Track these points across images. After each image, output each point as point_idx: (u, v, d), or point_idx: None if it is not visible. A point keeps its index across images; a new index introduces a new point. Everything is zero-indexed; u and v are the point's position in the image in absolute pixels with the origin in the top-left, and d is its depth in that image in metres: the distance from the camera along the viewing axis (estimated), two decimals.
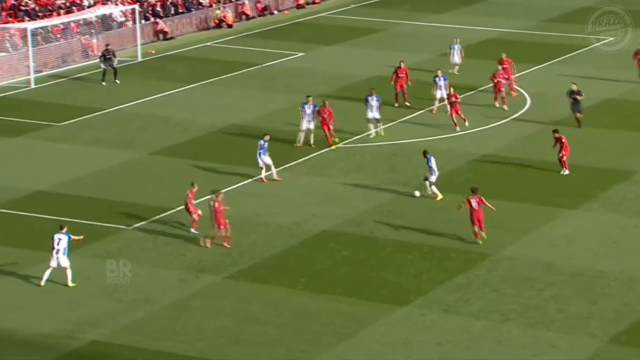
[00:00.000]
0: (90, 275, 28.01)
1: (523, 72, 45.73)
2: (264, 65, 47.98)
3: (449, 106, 38.92)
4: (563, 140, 35.05)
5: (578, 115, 38.68)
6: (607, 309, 26.39)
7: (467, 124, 38.70)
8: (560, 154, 34.91)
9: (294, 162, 36.23)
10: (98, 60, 45.81)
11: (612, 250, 29.79)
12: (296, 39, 52.60)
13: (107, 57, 45.11)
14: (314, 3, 60.12)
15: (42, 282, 27.35)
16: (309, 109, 37.05)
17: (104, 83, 44.86)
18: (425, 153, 33.32)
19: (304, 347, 24.73)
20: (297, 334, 25.27)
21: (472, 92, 43.35)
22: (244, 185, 34.32)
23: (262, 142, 34.24)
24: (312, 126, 36.99)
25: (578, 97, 38.60)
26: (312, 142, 37.08)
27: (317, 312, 26.30)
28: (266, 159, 34.08)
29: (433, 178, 32.99)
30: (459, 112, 38.64)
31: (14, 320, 25.79)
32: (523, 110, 41.68)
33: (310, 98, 37.83)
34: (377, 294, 27.17)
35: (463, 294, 27.15)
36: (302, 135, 37.12)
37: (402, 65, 41.55)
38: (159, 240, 30.21)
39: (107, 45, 46.25)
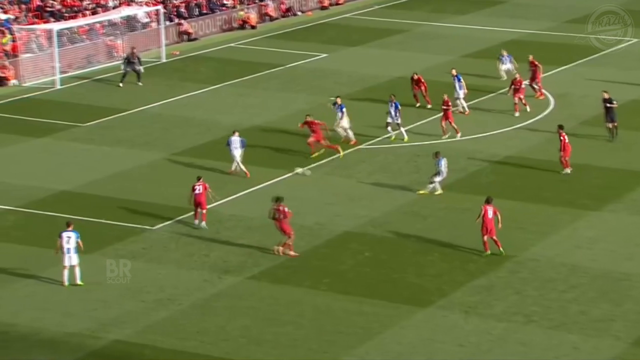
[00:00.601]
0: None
1: (546, 74, 45.56)
2: (287, 66, 48.08)
3: (442, 112, 38.25)
4: (562, 137, 34.86)
5: (610, 125, 37.63)
6: (631, 311, 26.27)
7: (458, 135, 37.89)
8: (560, 153, 34.69)
9: (318, 163, 36.29)
10: (121, 62, 45.90)
11: (636, 252, 29.63)
12: (319, 40, 52.68)
13: (132, 61, 45.20)
14: (337, 4, 60.20)
15: (66, 283, 27.55)
16: (339, 110, 37.46)
17: (121, 84, 44.97)
18: (437, 154, 33.30)
19: (326, 348, 24.77)
20: (319, 335, 25.32)
21: (493, 94, 43.25)
22: (266, 185, 34.41)
23: (234, 137, 34.79)
24: (345, 124, 37.39)
25: (609, 105, 37.70)
26: (346, 140, 37.44)
27: (339, 312, 26.33)
28: (237, 152, 34.65)
29: (437, 178, 32.98)
30: (451, 120, 37.90)
31: (38, 319, 25.98)
32: (547, 112, 41.58)
33: (339, 99, 38.10)
34: (399, 295, 27.18)
35: (485, 296, 27.11)
36: (349, 134, 37.52)
37: (416, 76, 41.49)
38: (182, 241, 30.35)
39: (132, 48, 46.39)
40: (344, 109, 37.60)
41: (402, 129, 37.98)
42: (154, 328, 25.59)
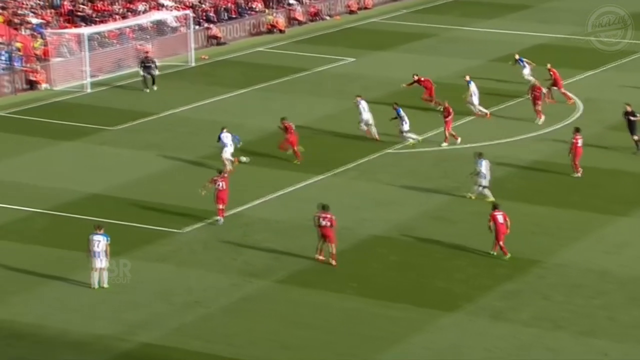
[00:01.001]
0: (142, 278, 28.35)
1: (574, 78, 45.49)
2: (315, 70, 48.20)
3: (444, 120, 37.94)
4: (574, 140, 34.75)
5: (637, 137, 37.15)
6: None
7: (445, 144, 37.72)
8: (570, 155, 34.59)
9: (345, 167, 36.37)
10: (138, 68, 45.98)
11: None
12: (347, 44, 52.75)
13: (147, 65, 45.39)
14: (365, 9, 60.28)
15: (95, 286, 27.75)
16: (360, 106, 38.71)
17: (147, 90, 45.24)
18: (479, 154, 33.21)
19: (354, 352, 24.81)
20: (347, 339, 25.36)
21: (520, 99, 43.09)
22: (294, 189, 34.51)
23: (224, 134, 35.71)
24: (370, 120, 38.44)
25: (632, 118, 37.28)
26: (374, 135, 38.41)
27: (366, 317, 26.36)
28: (228, 149, 35.52)
29: (484, 182, 32.91)
30: (449, 129, 37.64)
31: (67, 321, 26.18)
32: (574, 117, 41.43)
33: (359, 97, 39.01)
34: (426, 299, 27.17)
35: (513, 301, 27.05)
36: (367, 129, 38.53)
37: (415, 77, 41.81)
38: (210, 244, 30.49)
39: (146, 52, 46.64)
40: (361, 105, 38.42)
41: (408, 134, 37.80)
42: (182, 331, 25.72)
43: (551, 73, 42.43)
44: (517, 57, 45.09)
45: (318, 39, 54.08)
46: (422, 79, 42.09)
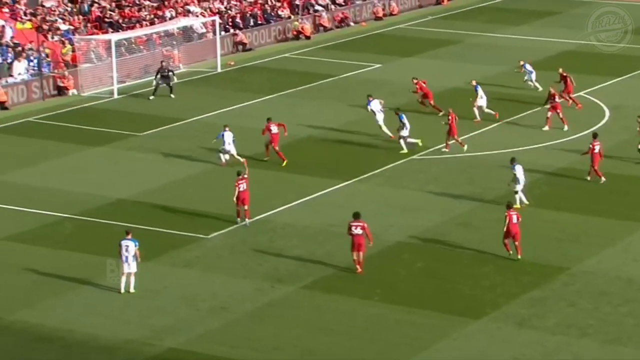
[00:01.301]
0: (168, 284, 28.52)
1: (602, 85, 45.29)
2: (341, 76, 48.29)
3: (447, 126, 37.59)
4: (592, 146, 34.62)
5: None
6: None
7: (446, 149, 37.70)
8: (585, 156, 34.58)
9: (371, 173, 36.41)
10: (154, 76, 45.68)
11: None
12: (373, 50, 52.82)
13: (164, 74, 45.49)
14: (391, 15, 60.32)
15: (122, 290, 27.95)
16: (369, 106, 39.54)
17: (151, 97, 45.20)
18: (512, 160, 33.17)
19: (379, 358, 24.83)
20: (372, 345, 25.38)
21: (546, 105, 42.89)
22: (320, 195, 34.58)
23: (227, 132, 36.56)
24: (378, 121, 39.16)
25: None
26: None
27: (391, 323, 26.38)
28: (229, 147, 36.36)
29: (519, 186, 32.83)
30: (455, 135, 37.44)
31: (94, 325, 26.38)
32: (601, 123, 41.27)
33: (370, 97, 39.51)
34: (452, 306, 27.16)
35: (539, 308, 26.99)
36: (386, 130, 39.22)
37: (414, 81, 42.39)
38: (236, 249, 30.62)
39: (162, 62, 46.70)
40: (370, 106, 39.00)
41: (410, 139, 37.88)
42: (207, 336, 25.85)
43: (564, 77, 42.28)
44: (521, 63, 44.98)
45: (344, 45, 54.16)
46: (422, 85, 42.21)
